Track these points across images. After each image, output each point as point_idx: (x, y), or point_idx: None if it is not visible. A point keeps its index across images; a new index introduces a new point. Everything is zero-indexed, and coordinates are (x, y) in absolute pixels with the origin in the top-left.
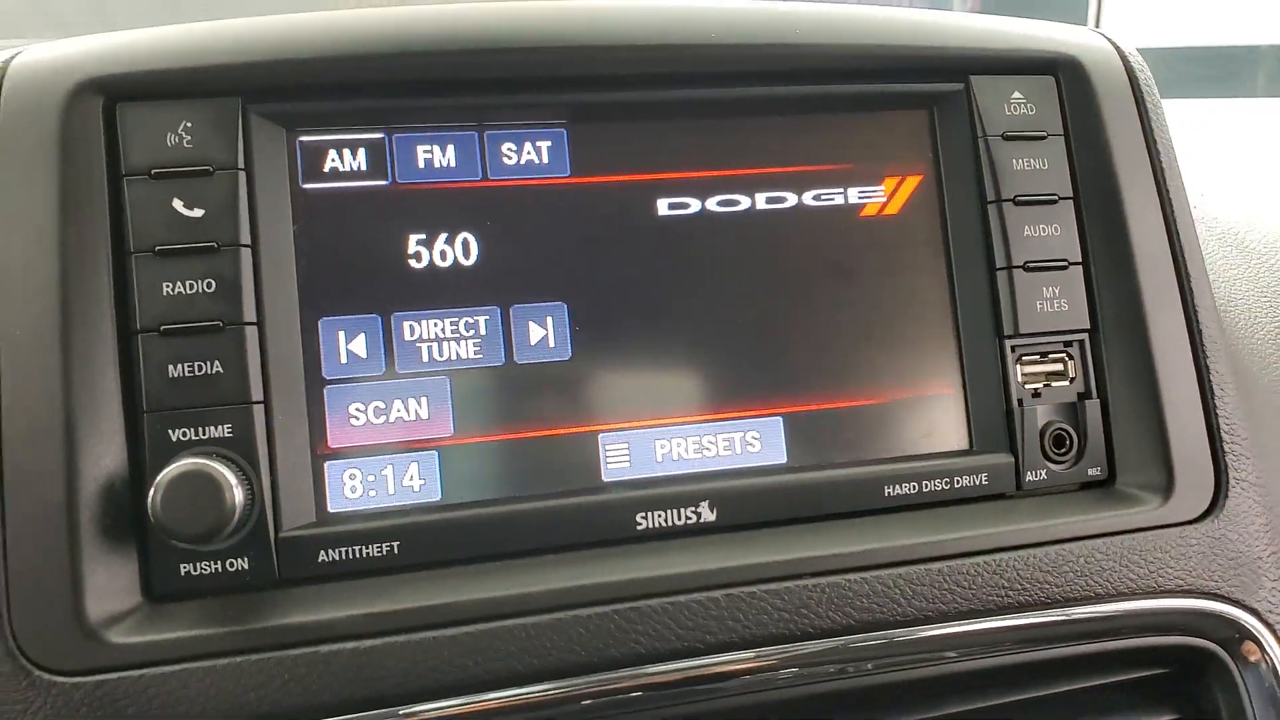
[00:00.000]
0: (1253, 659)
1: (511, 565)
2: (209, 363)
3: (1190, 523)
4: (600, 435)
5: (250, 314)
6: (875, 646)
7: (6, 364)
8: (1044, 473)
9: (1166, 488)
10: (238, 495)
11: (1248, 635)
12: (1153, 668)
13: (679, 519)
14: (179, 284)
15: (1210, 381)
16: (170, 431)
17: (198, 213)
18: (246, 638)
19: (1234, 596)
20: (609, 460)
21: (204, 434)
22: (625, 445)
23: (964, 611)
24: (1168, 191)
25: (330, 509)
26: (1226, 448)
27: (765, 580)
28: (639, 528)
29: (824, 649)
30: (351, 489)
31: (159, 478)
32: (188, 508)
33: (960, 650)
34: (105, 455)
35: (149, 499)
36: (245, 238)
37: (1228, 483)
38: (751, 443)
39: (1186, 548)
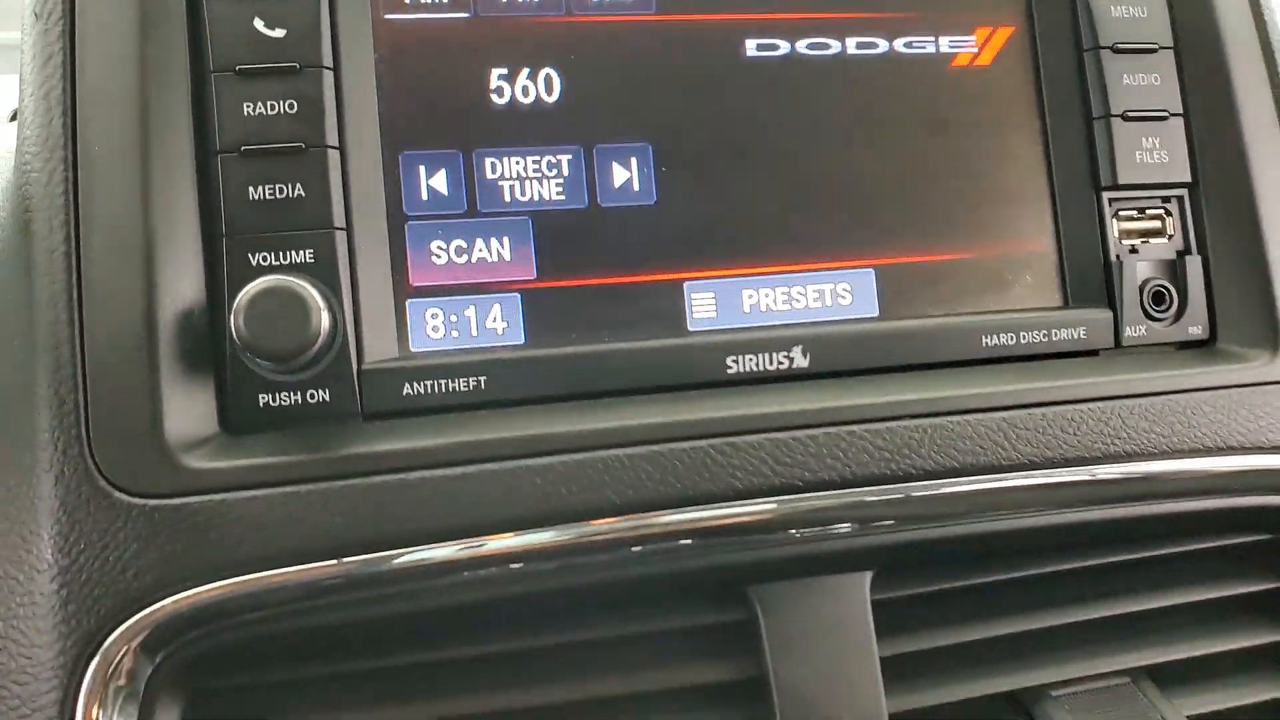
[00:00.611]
0: None
1: (600, 404)
2: (291, 186)
3: None
4: (685, 283)
5: (333, 138)
6: (980, 492)
7: (85, 181)
8: (1143, 329)
9: (1272, 344)
10: (323, 318)
11: None
12: (1257, 532)
13: (770, 363)
14: (260, 104)
15: None
16: (250, 255)
17: (279, 33)
18: (329, 465)
19: None
20: (695, 309)
21: (285, 259)
22: (711, 294)
23: (1069, 459)
24: (1270, 41)
25: (413, 348)
26: None
27: (864, 420)
28: (729, 371)
29: (927, 492)
30: (434, 328)
31: (243, 293)
32: (272, 324)
33: (1064, 500)
34: (184, 278)
35: (231, 317)
36: (328, 60)
37: None
38: (843, 294)
39: None
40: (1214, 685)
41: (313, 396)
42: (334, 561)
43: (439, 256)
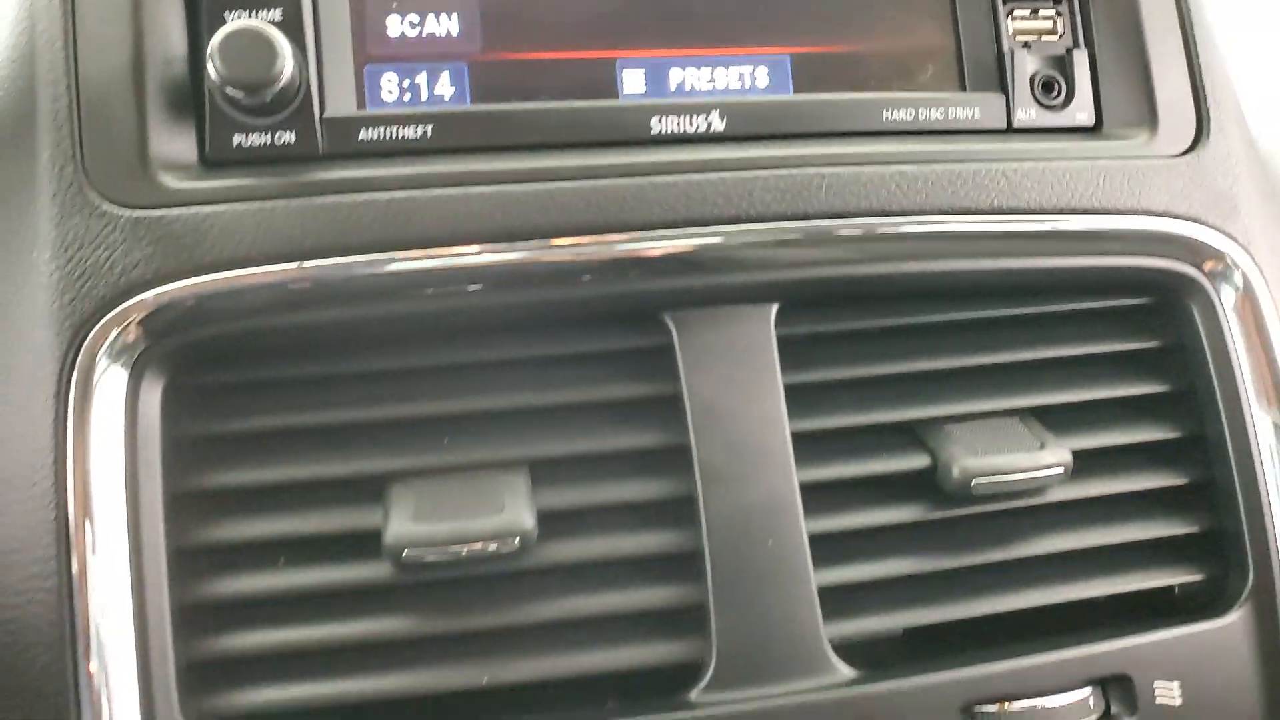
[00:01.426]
0: (1230, 282)
1: (535, 153)
2: None
3: (1173, 156)
4: (618, 60)
5: None
6: (873, 234)
7: None
8: (1034, 112)
9: (1151, 125)
10: (288, 63)
11: (1226, 258)
12: (1136, 296)
13: (690, 125)
14: None
15: (1193, 34)
16: (226, 12)
17: None
18: (293, 187)
19: (1214, 223)
20: (626, 84)
21: (257, 15)
22: (641, 70)
23: (958, 209)
24: None
25: (368, 108)
26: (1208, 94)
27: (770, 168)
28: (653, 131)
29: (824, 230)
30: (389, 92)
31: (219, 31)
32: (244, 56)
33: (951, 249)
34: (168, 30)
35: (209, 53)
36: None
37: (1208, 124)
38: (760, 77)
39: (1170, 177)
40: (1094, 429)
41: (279, 138)
42: (295, 265)
43: (394, 29)
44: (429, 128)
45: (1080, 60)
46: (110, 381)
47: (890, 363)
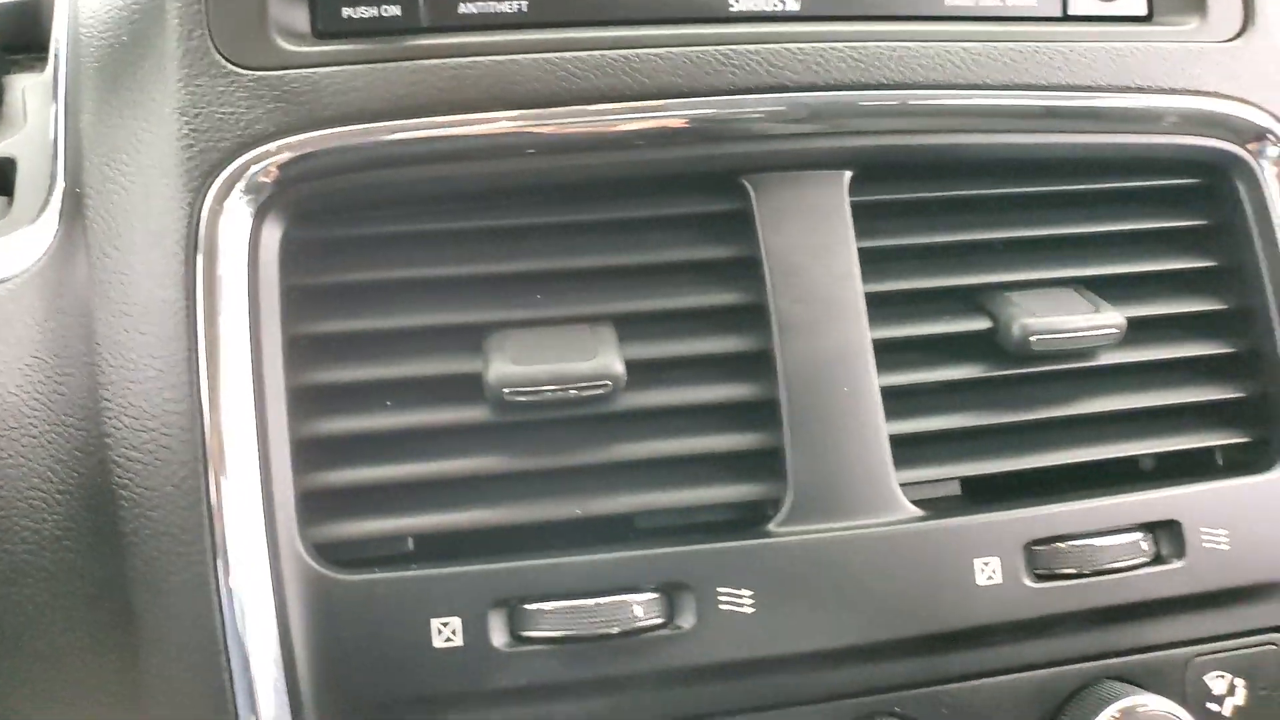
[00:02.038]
0: (1275, 160)
1: (625, 26)
2: None
3: (1221, 42)
4: None
5: None
6: (936, 105)
7: None
8: (1090, 1)
9: (1200, 12)
10: None
11: (1271, 136)
12: (1186, 176)
13: (767, 3)
14: None
15: None
16: None
17: None
18: (401, 53)
19: (1260, 103)
20: None
21: None
22: None
23: (1019, 84)
24: None
25: None
26: None
27: (844, 40)
28: (732, 9)
29: (895, 100)
30: None
31: None
32: None
33: (1012, 122)
34: None
35: None
36: None
37: (1254, 12)
38: None
39: (1218, 60)
40: (1145, 300)
41: (384, 10)
42: (405, 121)
43: None
44: (524, 3)
45: None
46: (234, 226)
47: (955, 232)
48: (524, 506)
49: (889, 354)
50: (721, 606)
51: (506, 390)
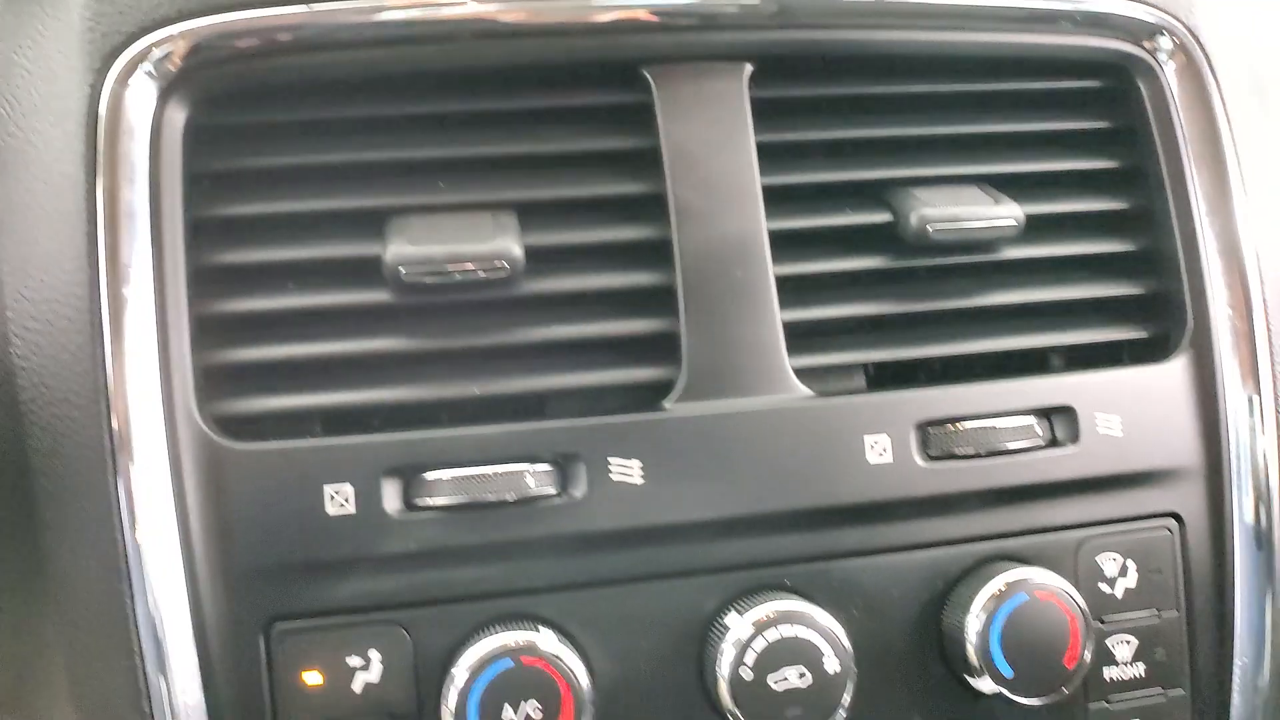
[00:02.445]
0: (1175, 62)
1: None
2: None
3: None
4: None
5: None
6: (833, 2)
7: None
8: None
9: None
10: None
11: (1171, 37)
12: (1090, 78)
13: None
14: None
15: None
16: None
17: None
18: None
19: (1161, 4)
20: None
21: None
22: None
23: None
24: None
25: None
26: None
27: None
28: None
29: None
30: None
31: None
32: None
33: (913, 20)
34: None
35: None
36: None
37: None
38: None
39: None
40: (1047, 198)
41: None
42: (305, 7)
43: None
44: None
45: None
46: (137, 107)
47: (856, 128)
48: (424, 386)
49: (789, 245)
50: (613, 477)
51: (404, 269)
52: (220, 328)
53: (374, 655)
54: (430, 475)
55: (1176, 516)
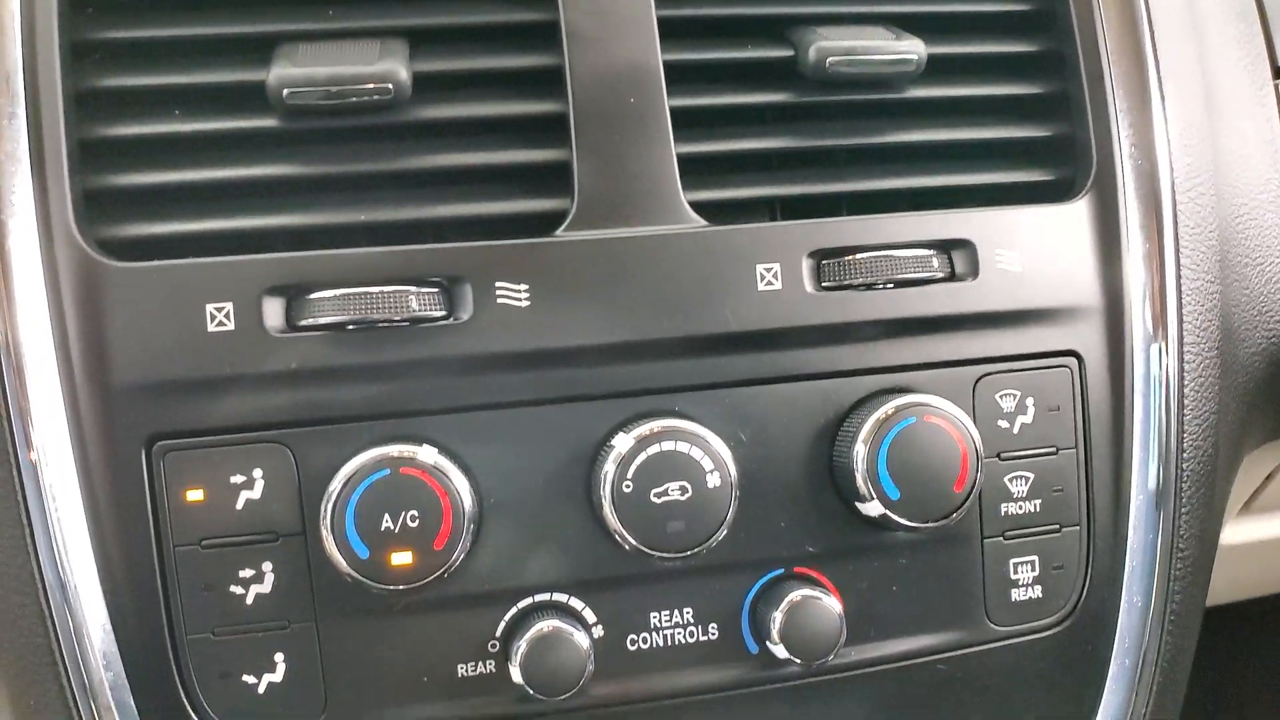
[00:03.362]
0: None
1: None
2: None
3: None
4: None
5: None
6: None
7: None
8: None
9: None
10: None
11: None
12: None
13: None
14: None
15: None
16: None
17: None
18: None
19: None
20: None
21: None
22: None
23: None
24: None
25: None
26: None
27: None
28: None
29: None
30: None
31: None
32: None
33: None
34: None
35: None
36: None
37: None
38: None
39: None
40: (957, 40)
41: None
42: None
43: None
44: None
45: None
46: None
47: None
48: (310, 213)
49: (687, 79)
50: (499, 300)
51: (287, 91)
52: (107, 151)
53: (257, 473)
54: (314, 295)
55: (1076, 355)
